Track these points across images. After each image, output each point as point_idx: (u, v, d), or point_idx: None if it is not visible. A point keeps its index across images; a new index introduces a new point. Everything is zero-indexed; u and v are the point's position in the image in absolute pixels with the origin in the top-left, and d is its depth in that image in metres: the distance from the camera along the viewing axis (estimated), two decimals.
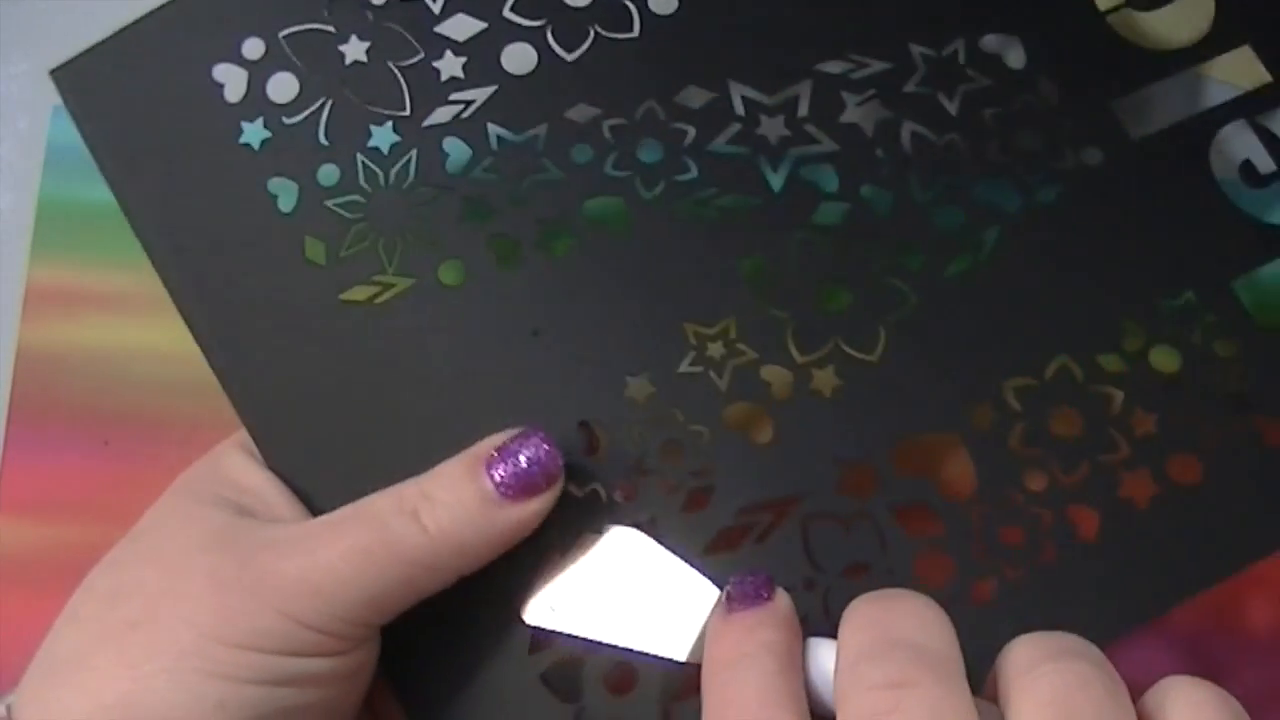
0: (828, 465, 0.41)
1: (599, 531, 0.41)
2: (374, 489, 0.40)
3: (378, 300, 0.42)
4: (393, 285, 0.42)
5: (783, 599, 0.38)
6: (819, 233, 0.43)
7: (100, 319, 0.55)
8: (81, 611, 0.40)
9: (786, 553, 0.41)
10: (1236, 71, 0.45)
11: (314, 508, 0.42)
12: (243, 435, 0.43)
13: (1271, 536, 0.42)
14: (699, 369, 0.42)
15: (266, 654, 0.38)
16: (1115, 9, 0.45)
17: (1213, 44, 0.45)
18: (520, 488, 0.39)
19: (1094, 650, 0.35)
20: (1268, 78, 0.45)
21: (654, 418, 0.42)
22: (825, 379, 0.42)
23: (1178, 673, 0.35)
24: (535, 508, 0.40)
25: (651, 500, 0.42)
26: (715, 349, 0.42)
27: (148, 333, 0.42)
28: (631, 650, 0.40)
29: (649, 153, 0.43)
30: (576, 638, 0.41)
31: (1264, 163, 0.44)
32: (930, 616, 0.36)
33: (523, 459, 0.39)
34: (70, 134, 0.44)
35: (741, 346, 0.42)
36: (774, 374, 0.42)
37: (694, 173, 0.43)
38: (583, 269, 0.42)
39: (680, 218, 0.43)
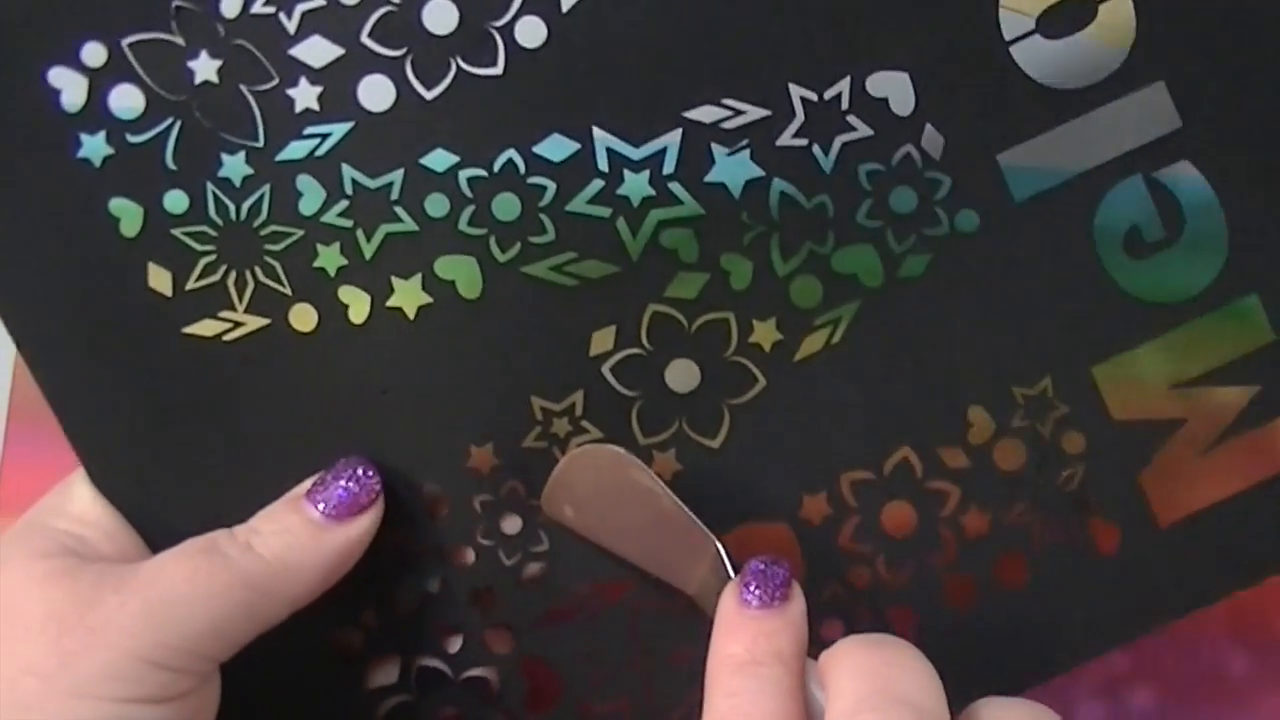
0: None
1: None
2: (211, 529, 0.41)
3: (226, 338, 0.41)
4: (243, 324, 0.42)
5: (798, 603, 0.39)
6: (673, 306, 0.41)
7: None
8: None
9: (614, 633, 0.42)
10: (1145, 114, 0.42)
11: (153, 547, 0.42)
12: None
13: (1091, 645, 0.43)
14: (543, 444, 0.42)
15: (108, 701, 0.37)
16: (1022, 37, 0.41)
17: (1124, 79, 0.41)
18: (342, 508, 0.41)
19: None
20: (1177, 123, 0.41)
21: (495, 489, 0.42)
22: (665, 463, 0.42)
23: None
24: (363, 526, 0.41)
25: (489, 569, 0.42)
26: (561, 425, 0.42)
27: None
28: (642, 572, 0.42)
29: (505, 209, 0.41)
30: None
31: (1152, 229, 0.41)
32: (927, 674, 0.37)
33: (342, 483, 0.41)
34: None
35: (586, 424, 0.42)
36: None
37: (551, 234, 0.41)
38: (433, 330, 0.41)
39: (534, 283, 0.41)
